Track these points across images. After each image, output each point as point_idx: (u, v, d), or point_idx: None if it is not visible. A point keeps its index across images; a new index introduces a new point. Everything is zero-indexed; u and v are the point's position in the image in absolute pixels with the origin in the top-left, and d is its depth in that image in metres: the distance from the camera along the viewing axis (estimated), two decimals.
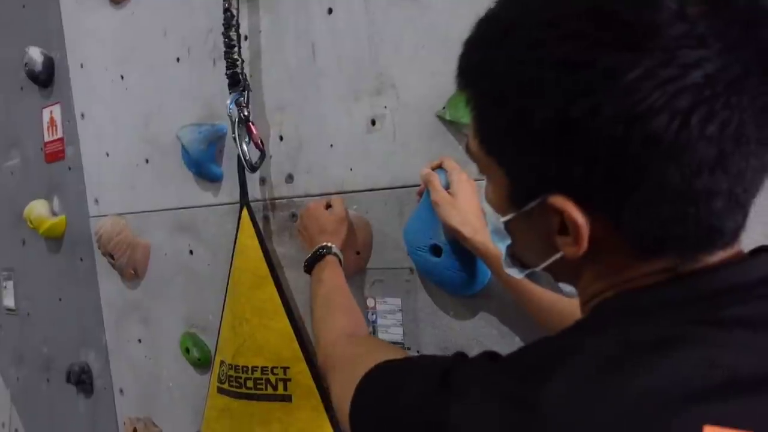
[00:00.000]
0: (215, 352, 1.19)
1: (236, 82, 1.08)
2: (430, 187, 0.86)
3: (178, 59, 1.30)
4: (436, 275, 0.90)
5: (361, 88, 1.01)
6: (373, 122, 1.00)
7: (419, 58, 0.94)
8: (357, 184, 1.03)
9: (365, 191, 1.02)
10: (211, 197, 1.26)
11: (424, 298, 0.97)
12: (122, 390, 1.56)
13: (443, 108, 0.91)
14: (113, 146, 1.48)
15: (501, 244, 0.50)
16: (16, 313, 1.93)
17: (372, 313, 1.03)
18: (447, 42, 0.91)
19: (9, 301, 1.96)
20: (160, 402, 1.45)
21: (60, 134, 1.65)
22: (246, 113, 1.07)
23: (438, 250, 0.87)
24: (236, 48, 1.08)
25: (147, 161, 1.40)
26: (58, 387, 1.73)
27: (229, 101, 1.07)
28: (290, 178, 1.12)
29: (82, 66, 1.55)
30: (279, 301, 1.08)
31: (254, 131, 1.08)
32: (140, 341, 1.48)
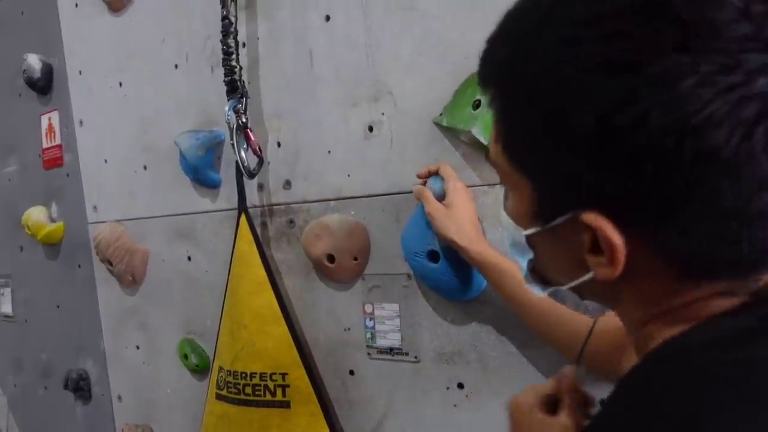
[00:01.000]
0: (213, 358, 1.19)
1: (234, 89, 1.09)
2: (423, 201, 0.86)
3: (177, 66, 1.30)
4: (434, 281, 0.91)
5: (359, 95, 1.01)
6: (371, 129, 1.00)
7: (416, 66, 0.95)
8: (354, 191, 1.03)
9: (363, 197, 1.02)
10: (209, 203, 1.27)
11: (422, 304, 0.97)
12: (120, 396, 1.56)
13: (440, 114, 0.92)
14: (111, 153, 1.49)
15: (521, 259, 0.47)
16: (14, 320, 1.93)
17: (370, 319, 1.03)
18: (444, 49, 0.92)
19: (6, 308, 1.95)
20: (159, 408, 1.45)
21: (58, 141, 1.65)
22: (244, 120, 1.08)
23: (435, 256, 0.88)
24: (234, 55, 1.09)
25: (145, 168, 1.40)
26: (56, 394, 1.73)
27: (227, 108, 1.08)
28: (288, 185, 1.12)
29: (81, 73, 1.55)
30: (277, 307, 1.08)
31: (252, 138, 1.08)
32: (138, 347, 1.48)
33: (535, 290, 0.48)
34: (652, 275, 0.38)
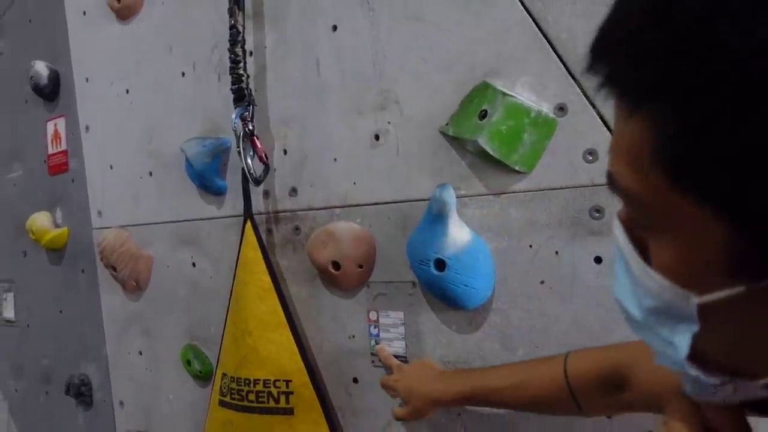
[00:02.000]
0: (217, 365, 1.19)
1: (241, 97, 1.10)
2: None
3: (184, 74, 1.31)
4: (440, 289, 0.91)
5: (365, 104, 1.02)
6: (377, 137, 1.01)
7: (423, 75, 0.96)
8: (360, 198, 1.04)
9: (368, 205, 1.03)
10: (215, 210, 1.27)
11: (427, 312, 0.98)
12: (122, 402, 1.56)
13: (446, 124, 0.93)
14: (117, 159, 1.50)
15: (649, 335, 0.33)
16: (16, 325, 1.93)
17: (374, 327, 1.03)
18: (450, 60, 0.93)
19: (9, 313, 1.95)
20: (161, 415, 1.45)
21: (64, 147, 1.66)
22: (251, 127, 1.09)
23: (442, 264, 0.88)
24: (242, 63, 1.10)
25: (151, 174, 1.41)
26: (57, 399, 1.72)
27: (234, 115, 1.09)
28: (294, 192, 1.13)
29: (88, 80, 1.56)
30: (282, 314, 1.08)
31: (259, 145, 1.09)
32: (141, 353, 1.48)
33: (693, 387, 0.33)
34: None
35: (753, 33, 0.24)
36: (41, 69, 1.64)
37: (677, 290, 0.30)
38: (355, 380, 1.07)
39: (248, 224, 1.13)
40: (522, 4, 0.84)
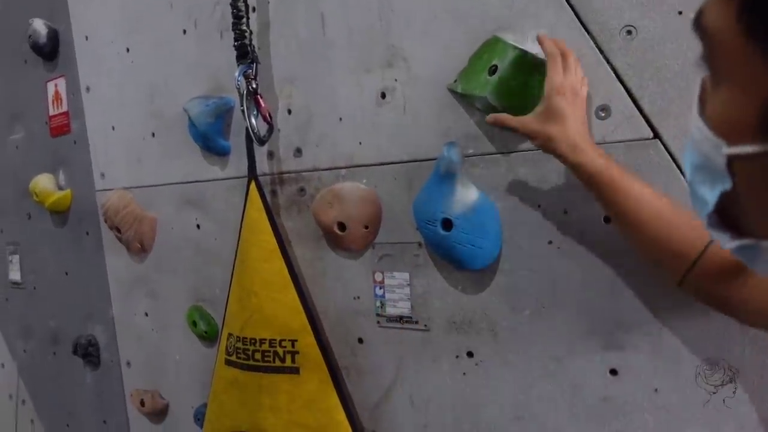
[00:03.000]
0: (222, 325, 1.20)
1: (245, 54, 1.07)
2: (552, 67, 0.75)
3: (185, 31, 1.28)
4: (446, 249, 0.90)
5: (372, 61, 1.00)
6: (384, 95, 0.99)
7: (431, 31, 0.93)
8: (366, 158, 1.02)
9: (375, 165, 1.02)
10: (219, 171, 1.26)
11: (433, 273, 0.97)
12: (129, 363, 1.58)
13: (455, 81, 0.90)
14: (119, 120, 1.48)
15: (703, 188, 0.34)
16: (23, 287, 1.94)
17: (380, 288, 1.03)
18: (459, 14, 0.90)
19: (15, 275, 1.96)
20: (167, 374, 1.47)
21: (65, 108, 1.64)
22: (254, 86, 1.06)
23: (449, 224, 0.87)
24: (244, 19, 1.07)
25: (153, 135, 1.39)
26: (65, 359, 1.75)
27: (237, 74, 1.06)
28: (299, 152, 1.11)
29: (87, 38, 1.53)
30: (287, 274, 1.08)
31: (262, 104, 1.07)
32: (147, 314, 1.49)
33: (721, 239, 0.35)
34: None
35: None
36: (39, 27, 1.60)
37: (713, 139, 0.31)
38: (360, 340, 1.07)
39: (252, 185, 1.12)
40: None
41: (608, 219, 0.80)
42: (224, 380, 1.16)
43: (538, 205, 0.86)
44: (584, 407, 0.85)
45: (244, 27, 1.07)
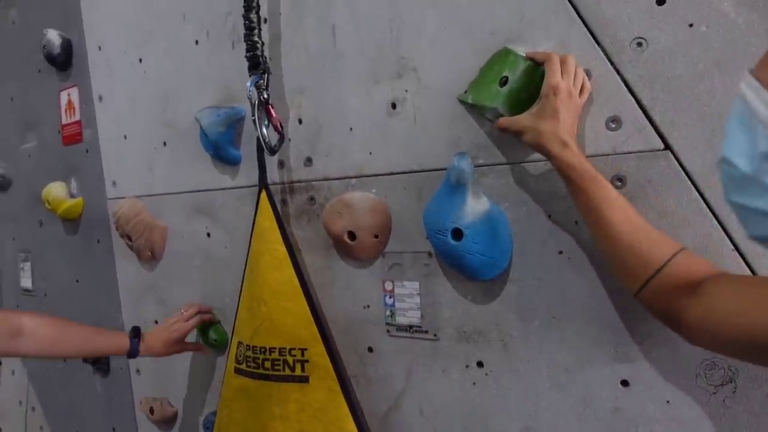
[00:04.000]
0: (232, 334, 1.20)
1: (256, 65, 1.08)
2: (550, 68, 0.77)
3: (197, 42, 1.30)
4: (456, 259, 0.90)
5: (382, 72, 1.01)
6: (394, 106, 1.00)
7: (441, 42, 0.94)
8: (376, 168, 1.03)
9: (385, 175, 1.02)
10: (229, 180, 1.27)
11: (443, 282, 0.97)
12: (139, 370, 1.58)
13: (465, 91, 0.91)
14: (131, 129, 1.49)
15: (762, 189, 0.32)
16: (34, 294, 1.95)
17: (389, 297, 1.04)
18: (469, 25, 0.90)
19: (26, 282, 1.98)
20: (177, 382, 1.47)
21: (78, 117, 1.66)
22: (265, 96, 1.07)
23: (459, 234, 0.88)
24: (256, 30, 1.08)
25: (165, 144, 1.40)
26: (75, 367, 1.76)
27: (249, 84, 1.07)
28: (309, 162, 1.12)
29: (100, 48, 1.55)
30: (297, 283, 1.08)
31: (273, 114, 1.08)
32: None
33: None
34: None
35: None
36: (53, 37, 1.62)
37: None
38: (370, 349, 1.07)
39: (263, 194, 1.13)
40: None
41: None
42: (234, 389, 1.16)
43: (549, 216, 0.86)
44: (595, 419, 0.85)
45: (256, 38, 1.08)
